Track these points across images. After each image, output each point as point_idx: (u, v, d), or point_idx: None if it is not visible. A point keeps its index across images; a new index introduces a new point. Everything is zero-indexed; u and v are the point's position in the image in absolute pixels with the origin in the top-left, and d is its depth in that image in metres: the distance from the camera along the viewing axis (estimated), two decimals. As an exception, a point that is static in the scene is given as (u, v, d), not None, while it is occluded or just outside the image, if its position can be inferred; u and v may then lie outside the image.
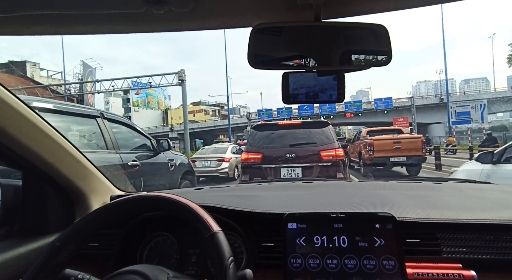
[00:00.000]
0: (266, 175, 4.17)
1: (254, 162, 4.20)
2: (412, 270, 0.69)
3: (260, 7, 0.63)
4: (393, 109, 31.94)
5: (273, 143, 4.30)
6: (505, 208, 0.84)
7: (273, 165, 4.15)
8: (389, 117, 31.03)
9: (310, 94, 0.72)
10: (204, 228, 0.60)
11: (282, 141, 4.29)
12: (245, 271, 0.58)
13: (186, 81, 18.16)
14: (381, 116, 32.51)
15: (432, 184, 1.22)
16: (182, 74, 18.05)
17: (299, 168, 4.10)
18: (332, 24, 0.64)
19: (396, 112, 32.14)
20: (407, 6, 0.62)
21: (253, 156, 4.24)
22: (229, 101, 28.56)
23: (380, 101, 32.20)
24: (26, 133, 0.75)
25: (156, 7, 0.56)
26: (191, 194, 1.21)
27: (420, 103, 33.64)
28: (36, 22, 0.64)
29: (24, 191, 0.89)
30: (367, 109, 33.33)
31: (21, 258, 0.77)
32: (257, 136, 4.43)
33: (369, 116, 33.80)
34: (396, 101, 32.95)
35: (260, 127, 4.71)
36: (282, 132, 4.36)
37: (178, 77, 18.30)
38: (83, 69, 25.92)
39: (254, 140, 4.39)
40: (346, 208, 0.87)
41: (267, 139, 4.35)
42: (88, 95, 25.71)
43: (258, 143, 4.35)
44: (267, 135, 4.39)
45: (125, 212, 0.68)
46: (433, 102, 34.18)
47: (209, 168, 8.96)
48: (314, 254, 0.71)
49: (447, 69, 23.72)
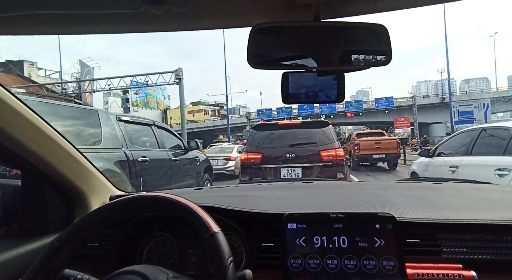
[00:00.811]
0: (266, 175, 4.15)
1: (254, 162, 4.19)
2: (412, 271, 0.69)
3: (259, 7, 0.62)
4: (394, 108, 31.69)
5: (273, 143, 4.28)
6: (505, 208, 0.84)
7: (273, 165, 4.13)
8: (390, 116, 30.75)
9: (309, 94, 0.72)
10: (204, 228, 0.60)
11: (282, 141, 4.27)
12: (244, 271, 0.58)
13: (183, 79, 17.81)
14: (381, 115, 32.24)
15: (432, 184, 1.21)
16: (180, 72, 17.70)
17: (299, 168, 4.08)
18: (331, 24, 0.64)
19: (397, 111, 31.91)
20: (407, 6, 0.62)
21: (253, 156, 4.22)
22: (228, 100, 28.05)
23: (381, 101, 31.91)
24: (26, 133, 0.75)
25: (155, 7, 0.56)
26: (191, 194, 1.21)
27: (421, 103, 33.37)
28: (35, 22, 0.64)
29: (24, 191, 0.89)
30: (368, 109, 33.02)
31: (20, 258, 0.77)
32: (257, 136, 4.42)
33: (369, 115, 33.51)
34: (397, 101, 32.66)
35: (260, 127, 4.70)
36: (282, 132, 4.34)
37: (175, 76, 17.91)
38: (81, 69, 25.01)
39: (254, 140, 4.38)
40: (346, 208, 0.87)
41: (267, 139, 4.34)
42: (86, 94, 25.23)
43: (258, 143, 4.34)
44: (267, 135, 4.38)
45: (124, 212, 0.68)
46: (435, 101, 33.93)
47: (217, 166, 9.44)
48: (314, 255, 0.71)
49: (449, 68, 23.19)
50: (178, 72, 17.66)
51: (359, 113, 32.75)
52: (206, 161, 5.81)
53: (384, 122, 33.56)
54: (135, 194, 0.74)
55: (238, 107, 78.37)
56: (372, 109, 32.73)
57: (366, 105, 33.74)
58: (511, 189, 1.15)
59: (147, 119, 4.38)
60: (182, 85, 17.94)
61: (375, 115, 33.10)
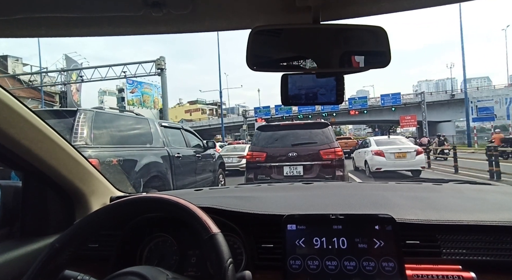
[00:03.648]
0: (269, 173, 4.44)
1: (259, 161, 4.50)
2: (412, 272, 0.69)
3: (259, 9, 0.62)
4: (401, 106, 29.72)
5: (276, 143, 4.58)
6: (505, 209, 0.84)
7: (276, 163, 4.44)
8: (395, 115, 28.87)
9: (309, 95, 0.72)
10: (203, 230, 0.60)
11: (284, 141, 4.57)
12: (244, 272, 0.58)
13: (166, 70, 15.54)
14: (387, 113, 30.20)
15: (432, 186, 1.21)
16: (162, 62, 15.30)
17: (300, 166, 4.38)
18: (330, 26, 0.64)
19: (403, 109, 29.98)
20: (405, 8, 0.62)
21: (258, 155, 4.54)
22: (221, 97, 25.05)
23: (388, 97, 29.10)
24: (27, 135, 0.75)
25: (155, 10, 0.56)
26: (191, 195, 1.21)
27: (429, 100, 30.76)
28: (35, 25, 0.64)
29: (24, 192, 0.89)
30: (373, 106, 30.60)
31: (21, 260, 0.77)
32: (261, 136, 4.73)
33: (374, 114, 31.31)
34: (403, 98, 30.54)
35: (264, 128, 5.01)
36: (284, 133, 4.65)
37: (156, 66, 15.48)
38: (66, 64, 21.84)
39: (258, 140, 4.69)
40: (346, 210, 0.87)
41: (271, 139, 4.65)
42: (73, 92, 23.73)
43: (262, 143, 4.65)
44: (270, 135, 4.69)
45: (124, 213, 0.68)
46: (443, 98, 31.48)
47: (231, 163, 10.56)
48: (314, 256, 0.71)
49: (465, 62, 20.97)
50: (160, 62, 15.35)
51: (364, 111, 30.15)
52: (220, 158, 6.97)
53: (389, 120, 31.12)
54: (135, 195, 0.74)
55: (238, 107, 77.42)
56: (377, 106, 30.30)
57: (370, 102, 31.16)
58: (510, 190, 1.14)
59: (177, 124, 5.81)
60: (164, 76, 15.70)
61: (380, 113, 30.84)
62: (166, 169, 4.14)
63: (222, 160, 7.13)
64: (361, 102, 29.79)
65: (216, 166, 6.52)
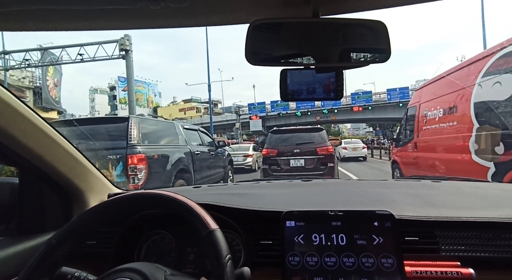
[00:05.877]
0: (280, 164, 6.27)
1: (272, 156, 6.39)
2: (411, 268, 0.69)
3: (258, 3, 0.62)
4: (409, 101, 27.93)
5: (284, 143, 6.44)
6: (503, 206, 0.84)
7: (284, 157, 6.25)
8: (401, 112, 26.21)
9: (308, 91, 0.71)
10: (202, 226, 0.59)
11: (290, 141, 6.42)
12: (242, 269, 0.58)
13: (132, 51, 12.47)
14: (392, 110, 26.77)
15: (430, 183, 1.21)
16: (126, 41, 12.15)
17: (302, 160, 6.17)
18: (330, 21, 0.63)
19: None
20: (406, 3, 0.62)
21: (271, 151, 6.44)
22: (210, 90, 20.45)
23: (394, 92, 25.65)
24: (24, 131, 0.74)
25: (152, 3, 0.55)
26: (189, 192, 1.20)
27: None
28: (30, 18, 0.63)
29: (21, 188, 0.88)
30: (379, 101, 27.47)
31: (18, 256, 0.76)
32: (273, 138, 6.69)
33: (378, 111, 27.99)
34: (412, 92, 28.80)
35: (275, 132, 6.91)
36: (290, 135, 6.58)
37: (120, 47, 12.32)
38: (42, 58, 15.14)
39: (271, 141, 6.60)
40: (345, 206, 0.87)
41: (280, 139, 6.55)
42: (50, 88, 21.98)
43: (274, 143, 6.54)
44: (279, 136, 6.62)
45: (122, 210, 0.68)
46: None
47: (238, 161, 11.38)
48: (312, 252, 0.71)
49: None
50: (124, 41, 12.22)
51: (368, 107, 27.12)
52: (229, 156, 7.91)
53: (395, 118, 26.76)
54: (133, 191, 0.73)
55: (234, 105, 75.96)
56: (383, 102, 26.92)
57: (375, 97, 27.82)
58: (509, 187, 1.15)
59: (195, 126, 6.69)
60: (130, 59, 12.49)
61: (385, 110, 27.35)
62: (189, 163, 5.09)
63: (231, 158, 8.15)
64: (365, 98, 27.19)
65: (226, 163, 7.48)
